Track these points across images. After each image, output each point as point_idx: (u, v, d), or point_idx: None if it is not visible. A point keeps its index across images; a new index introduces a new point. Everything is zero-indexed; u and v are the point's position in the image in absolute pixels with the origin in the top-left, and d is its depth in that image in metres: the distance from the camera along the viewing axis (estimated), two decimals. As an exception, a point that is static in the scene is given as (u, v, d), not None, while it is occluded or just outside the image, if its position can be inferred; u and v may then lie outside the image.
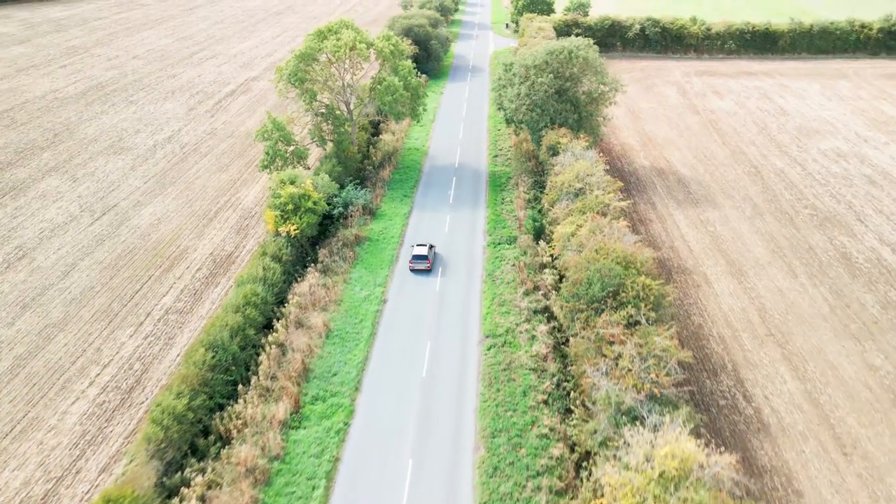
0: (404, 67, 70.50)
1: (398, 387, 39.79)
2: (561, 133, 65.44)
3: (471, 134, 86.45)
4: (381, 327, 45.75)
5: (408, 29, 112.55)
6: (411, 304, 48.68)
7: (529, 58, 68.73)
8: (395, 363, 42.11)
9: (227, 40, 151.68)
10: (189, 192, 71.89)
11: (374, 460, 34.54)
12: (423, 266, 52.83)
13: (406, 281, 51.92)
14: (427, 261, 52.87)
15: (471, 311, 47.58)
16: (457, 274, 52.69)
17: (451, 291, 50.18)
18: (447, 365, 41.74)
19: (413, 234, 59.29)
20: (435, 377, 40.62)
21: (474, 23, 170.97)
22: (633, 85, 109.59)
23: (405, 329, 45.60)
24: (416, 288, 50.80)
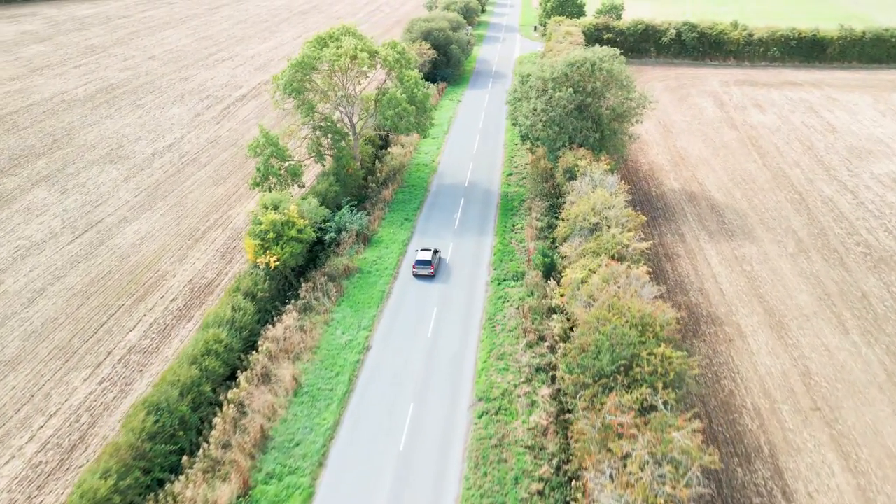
0: (410, 78, 64.67)
1: (370, 463, 33.97)
2: (580, 154, 58.88)
3: (486, 148, 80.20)
4: (360, 382, 39.98)
5: (427, 32, 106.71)
6: (398, 352, 42.83)
7: (548, 70, 62.26)
8: (369, 431, 36.30)
9: (247, 41, 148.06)
10: (180, 208, 67.26)
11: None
12: (426, 272, 51.16)
13: (395, 322, 46.11)
14: (430, 266, 51.27)
15: (464, 366, 41.52)
16: (454, 316, 46.65)
17: (445, 338, 44.18)
18: (430, 435, 35.76)
19: (408, 267, 53.43)
20: (414, 451, 34.70)
21: (501, 25, 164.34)
22: (665, 94, 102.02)
23: (387, 386, 39.76)
24: (406, 332, 44.93)
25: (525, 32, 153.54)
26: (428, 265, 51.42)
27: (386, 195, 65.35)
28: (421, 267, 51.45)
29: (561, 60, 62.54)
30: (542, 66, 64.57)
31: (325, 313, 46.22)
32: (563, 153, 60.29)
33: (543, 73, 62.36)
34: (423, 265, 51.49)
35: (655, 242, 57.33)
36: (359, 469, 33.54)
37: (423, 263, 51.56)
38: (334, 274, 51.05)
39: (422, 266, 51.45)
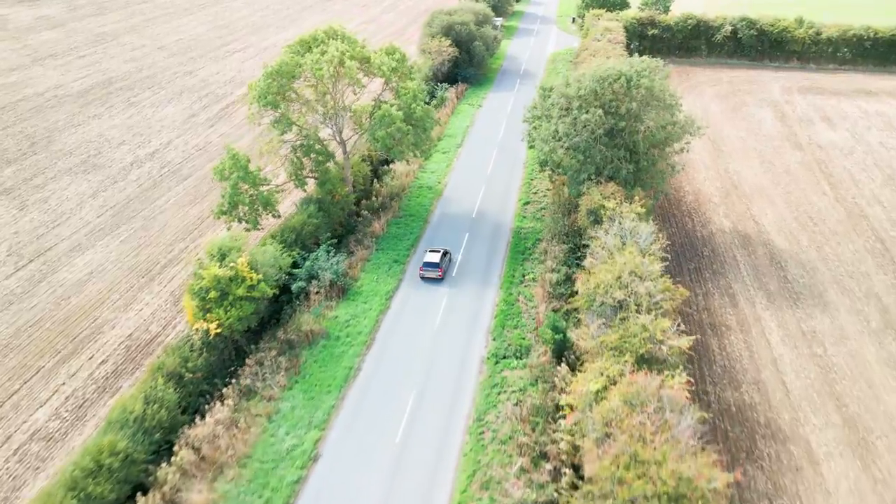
0: (407, 91, 54.12)
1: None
2: (608, 191, 47.74)
3: (502, 167, 69.29)
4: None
5: (448, 27, 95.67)
6: (353, 467, 32.96)
7: (573, 85, 51.03)
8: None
9: (264, 30, 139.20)
10: (143, 234, 58.53)
11: None
12: (433, 274, 48.97)
13: (358, 417, 36.21)
14: (439, 269, 48.90)
15: (436, 496, 31.41)
16: (433, 413, 36.46)
17: (418, 449, 34.09)
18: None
19: (388, 331, 43.38)
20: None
21: (537, 15, 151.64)
22: (716, 103, 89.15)
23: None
24: (368, 434, 35.00)
25: (562, 24, 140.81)
26: (436, 267, 48.77)
27: (376, 228, 55.27)
28: (428, 269, 48.96)
29: (589, 74, 51.18)
30: (567, 78, 53.28)
31: (269, 400, 36.59)
32: (588, 188, 49.22)
33: (568, 88, 51.18)
34: (431, 268, 48.86)
35: (699, 306, 46.01)
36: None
37: (430, 266, 48.89)
38: (294, 340, 41.38)
39: (429, 268, 48.92)
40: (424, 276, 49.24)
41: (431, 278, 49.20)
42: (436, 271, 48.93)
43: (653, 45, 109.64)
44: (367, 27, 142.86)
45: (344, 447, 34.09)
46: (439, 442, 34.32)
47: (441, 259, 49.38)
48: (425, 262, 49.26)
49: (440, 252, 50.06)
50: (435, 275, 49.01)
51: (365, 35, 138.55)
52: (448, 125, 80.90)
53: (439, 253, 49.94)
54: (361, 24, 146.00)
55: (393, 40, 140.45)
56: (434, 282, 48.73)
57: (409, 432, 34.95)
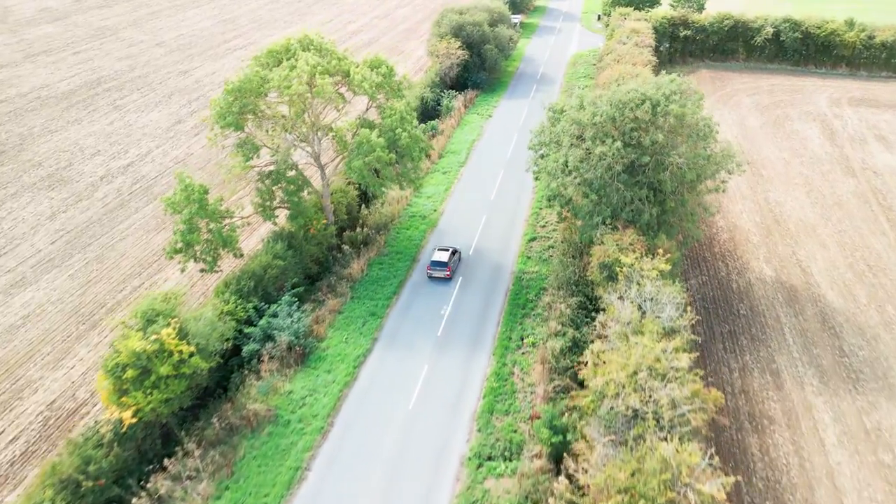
0: (393, 113, 46.06)
1: None
2: (626, 239, 39.40)
3: (509, 191, 61.06)
4: None
5: (458, 28, 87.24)
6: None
7: (586, 109, 42.57)
8: None
9: (270, 25, 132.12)
10: (97, 266, 51.75)
11: None
12: (441, 274, 47.60)
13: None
14: (447, 268, 47.40)
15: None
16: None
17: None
18: None
19: (351, 413, 35.69)
20: None
21: (560, 12, 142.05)
22: (755, 115, 79.63)
23: None
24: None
25: (586, 22, 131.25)
26: (444, 267, 47.43)
27: (354, 271, 47.56)
28: (436, 269, 47.62)
29: (606, 97, 42.65)
30: (581, 99, 44.78)
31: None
32: (602, 234, 40.91)
33: (580, 113, 42.75)
34: (439, 267, 47.52)
35: (735, 387, 37.58)
36: None
37: (438, 265, 47.57)
38: (235, 425, 34.02)
39: (437, 268, 47.58)
40: (432, 275, 47.86)
41: (439, 278, 47.75)
42: (444, 271, 47.47)
43: (684, 47, 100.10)
44: (381, 22, 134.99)
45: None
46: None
47: (450, 258, 47.85)
48: (433, 261, 47.74)
49: (449, 251, 48.54)
50: (443, 274, 47.52)
51: (376, 32, 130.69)
52: (452, 139, 72.80)
53: (448, 252, 48.37)
54: (374, 18, 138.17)
55: (406, 37, 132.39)
56: (417, 338, 40.91)
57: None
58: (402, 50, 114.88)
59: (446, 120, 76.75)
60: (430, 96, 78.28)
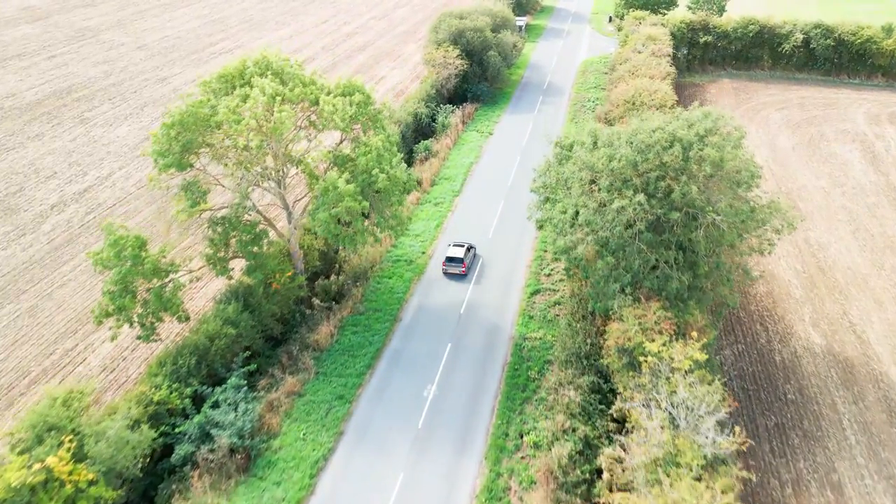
0: (367, 150, 38.18)
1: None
2: (651, 316, 31.69)
3: (510, 229, 53.30)
4: None
5: (458, 34, 79.29)
6: None
7: (601, 152, 34.71)
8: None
9: (261, 26, 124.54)
10: (27, 322, 44.40)
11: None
12: (457, 270, 46.97)
13: None
14: (462, 264, 46.72)
15: None
16: None
17: None
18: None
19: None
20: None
21: (569, 12, 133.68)
22: (786, 134, 71.52)
23: None
24: None
25: (596, 24, 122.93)
26: (459, 263, 46.72)
27: (322, 336, 39.95)
28: (451, 265, 46.93)
29: (626, 135, 34.80)
30: (593, 134, 36.94)
31: None
32: (621, 306, 33.19)
33: (593, 156, 34.93)
34: (455, 263, 46.83)
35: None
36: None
37: (453, 261, 46.86)
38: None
39: (452, 264, 46.87)
40: (447, 271, 47.12)
41: (454, 274, 47.01)
42: (459, 267, 46.67)
43: (704, 54, 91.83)
44: (378, 24, 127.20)
45: None
46: None
47: (465, 254, 47.13)
48: (448, 258, 46.86)
49: (464, 246, 47.94)
50: (458, 270, 46.83)
51: (373, 34, 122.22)
52: (447, 161, 65.05)
53: (463, 247, 47.72)
54: (371, 19, 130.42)
55: (404, 40, 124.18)
56: (391, 434, 33.37)
57: None
58: (400, 54, 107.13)
59: (442, 139, 69.02)
60: (424, 112, 70.53)
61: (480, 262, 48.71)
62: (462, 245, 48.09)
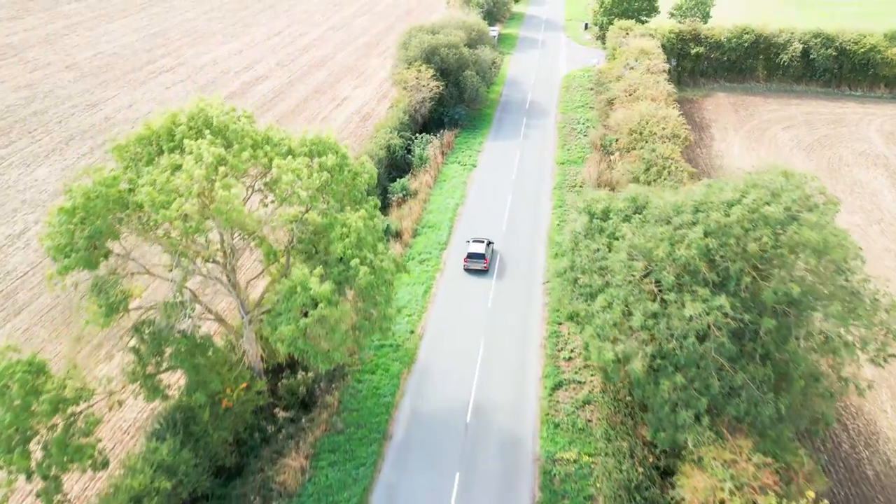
0: (345, 233, 28.54)
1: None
2: (746, 465, 23.21)
3: (512, 296, 44.42)
4: None
5: (431, 51, 70.14)
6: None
7: (654, 231, 26.10)
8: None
9: (206, 39, 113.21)
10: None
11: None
12: (479, 266, 45.96)
13: None
14: (484, 259, 45.92)
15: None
16: None
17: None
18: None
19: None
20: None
21: (540, 20, 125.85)
22: (799, 155, 64.65)
23: None
24: None
25: (572, 32, 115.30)
26: (481, 258, 45.89)
27: (289, 474, 30.27)
28: (473, 261, 46.00)
29: (691, 204, 26.28)
30: (633, 200, 28.40)
31: None
32: (696, 442, 24.64)
33: (644, 234, 26.33)
34: (477, 258, 45.93)
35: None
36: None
37: (475, 256, 45.96)
38: None
39: (474, 259, 45.95)
40: (469, 267, 46.36)
41: (476, 270, 46.31)
42: (481, 262, 45.97)
43: (695, 65, 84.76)
44: (336, 35, 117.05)
45: None
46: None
47: (486, 249, 46.43)
48: (470, 253, 46.21)
49: (484, 241, 47.36)
50: (480, 266, 46.09)
51: (331, 46, 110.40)
52: (428, 204, 55.88)
53: (483, 242, 47.11)
54: (329, 30, 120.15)
55: (366, 53, 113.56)
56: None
57: None
58: (363, 70, 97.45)
59: (420, 174, 59.84)
60: (398, 143, 61.21)
61: (483, 342, 39.70)
62: (482, 241, 47.31)
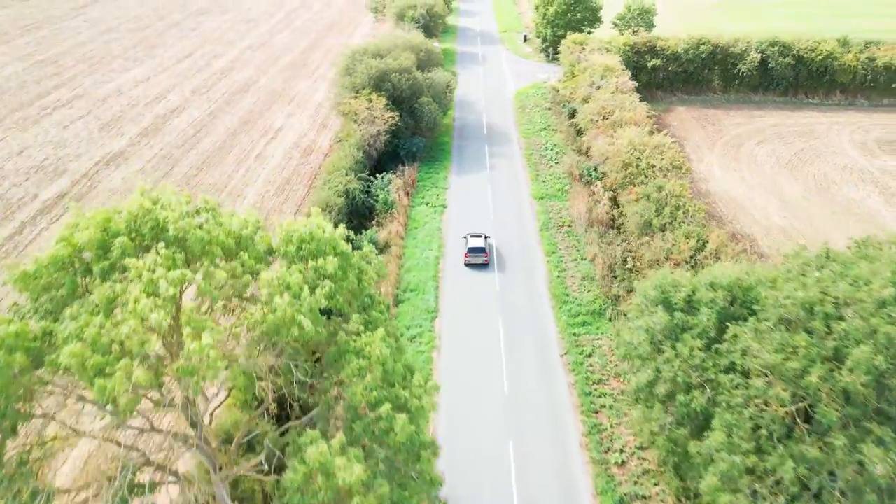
0: (366, 364, 20.19)
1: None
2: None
3: (524, 372, 37.35)
4: None
5: (380, 78, 62.04)
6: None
7: (788, 339, 19.65)
8: None
9: (106, 65, 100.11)
10: None
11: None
12: (480, 260, 46.30)
13: None
14: (485, 253, 46.36)
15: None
16: None
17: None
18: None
19: None
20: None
21: (475, 31, 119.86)
22: (784, 176, 61.16)
23: None
24: None
25: (510, 44, 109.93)
26: (482, 252, 46.18)
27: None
28: (474, 255, 46.20)
29: (826, 302, 20.01)
30: (744, 299, 21.93)
31: None
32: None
33: (779, 359, 19.73)
34: (477, 253, 46.19)
35: None
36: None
37: (476, 251, 46.23)
38: None
39: (475, 254, 46.19)
40: (470, 262, 46.34)
41: (477, 264, 46.33)
42: (482, 256, 46.14)
43: (651, 78, 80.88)
44: (256, 55, 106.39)
45: None
46: None
47: (485, 242, 46.70)
48: (470, 248, 46.32)
49: (481, 235, 47.70)
50: (481, 260, 46.25)
51: (252, 69, 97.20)
52: (405, 260, 47.87)
53: (480, 237, 47.43)
54: (246, 49, 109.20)
55: (293, 75, 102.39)
56: None
57: None
58: (293, 95, 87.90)
59: (387, 222, 51.75)
60: (356, 187, 52.86)
61: (512, 446, 32.33)
62: (479, 235, 47.50)
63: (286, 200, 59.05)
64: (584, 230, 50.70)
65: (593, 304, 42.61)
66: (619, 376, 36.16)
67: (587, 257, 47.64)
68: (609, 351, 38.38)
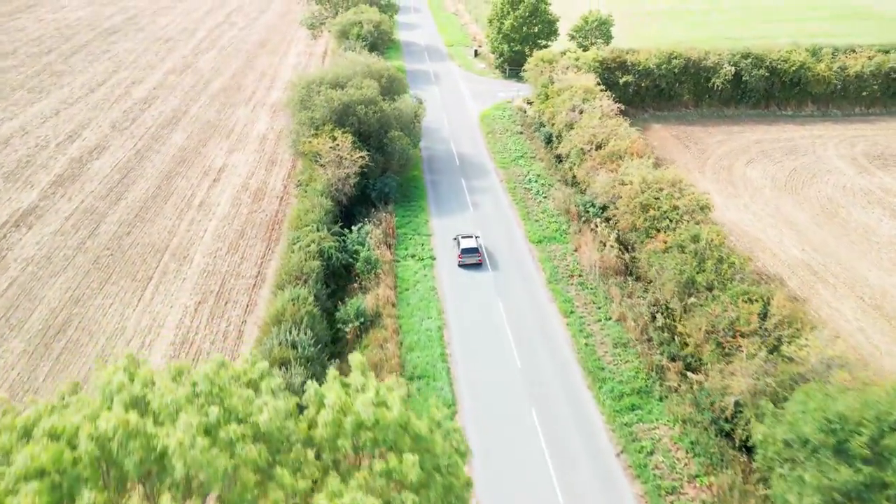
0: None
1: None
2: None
3: (578, 483, 30.64)
4: None
5: (343, 111, 53.95)
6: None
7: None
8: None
9: (5, 98, 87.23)
10: None
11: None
12: (473, 260, 46.25)
13: None
14: (478, 253, 46.41)
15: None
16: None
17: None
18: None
19: None
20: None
21: (419, 46, 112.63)
22: (786, 200, 57.25)
23: None
24: None
25: (461, 60, 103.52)
26: (475, 253, 46.26)
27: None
28: (468, 255, 46.09)
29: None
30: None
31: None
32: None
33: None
34: (471, 253, 46.17)
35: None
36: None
37: (469, 252, 46.18)
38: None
39: (469, 254, 46.10)
40: (464, 262, 46.11)
41: (471, 264, 46.13)
42: (476, 256, 46.11)
43: (622, 95, 76.19)
44: (182, 79, 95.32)
45: None
46: None
47: (476, 242, 46.87)
48: (463, 249, 46.12)
49: (472, 236, 47.66)
50: (475, 260, 46.12)
51: (179, 97, 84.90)
52: (402, 335, 40.16)
53: (472, 237, 47.32)
54: (168, 74, 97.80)
55: (228, 101, 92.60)
56: None
57: None
58: (231, 125, 78.13)
59: (372, 286, 43.86)
60: (331, 245, 44.72)
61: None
62: (470, 236, 47.65)
63: (242, 261, 50.02)
64: (600, 280, 44.61)
65: (636, 379, 36.36)
66: (695, 479, 29.97)
67: (612, 316, 41.46)
68: (672, 444, 32.16)
